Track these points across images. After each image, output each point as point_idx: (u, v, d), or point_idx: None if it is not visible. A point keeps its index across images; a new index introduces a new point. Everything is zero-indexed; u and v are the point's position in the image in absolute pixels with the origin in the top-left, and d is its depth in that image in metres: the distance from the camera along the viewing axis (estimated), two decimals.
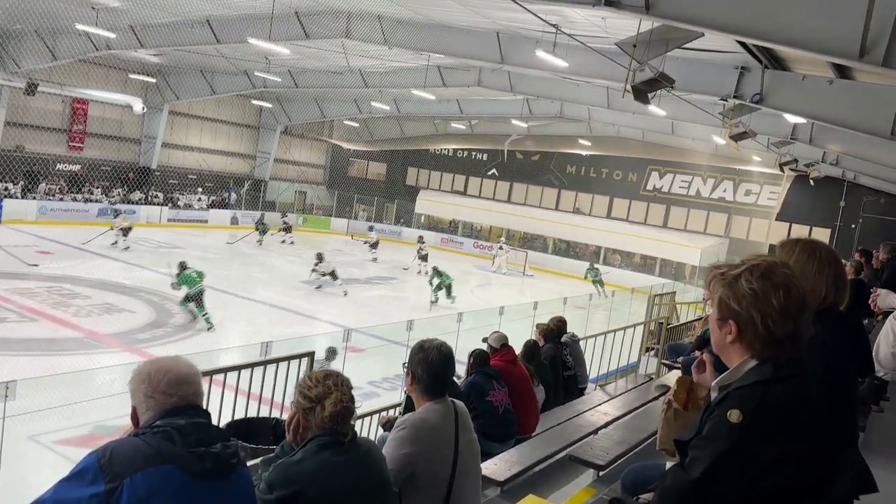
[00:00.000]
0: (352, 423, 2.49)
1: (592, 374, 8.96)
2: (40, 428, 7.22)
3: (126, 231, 21.89)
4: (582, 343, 8.35)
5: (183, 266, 13.84)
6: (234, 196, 32.92)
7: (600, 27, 12.35)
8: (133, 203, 27.76)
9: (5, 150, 24.56)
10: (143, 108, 27.08)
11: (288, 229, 27.92)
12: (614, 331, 10.69)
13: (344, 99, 31.33)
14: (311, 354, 5.92)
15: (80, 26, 19.24)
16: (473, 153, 37.71)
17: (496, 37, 16.13)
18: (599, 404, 6.86)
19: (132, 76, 27.47)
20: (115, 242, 21.66)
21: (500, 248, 30.29)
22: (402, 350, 3.10)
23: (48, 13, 19.50)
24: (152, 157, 29.74)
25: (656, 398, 6.58)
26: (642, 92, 9.48)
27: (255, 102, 33.11)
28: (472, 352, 5.56)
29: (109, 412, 6.65)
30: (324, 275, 17.00)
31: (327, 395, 2.38)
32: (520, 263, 29.76)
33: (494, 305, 13.40)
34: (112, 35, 19.80)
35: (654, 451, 1.85)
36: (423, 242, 27.21)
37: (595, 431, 5.73)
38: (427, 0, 14.61)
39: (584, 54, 13.50)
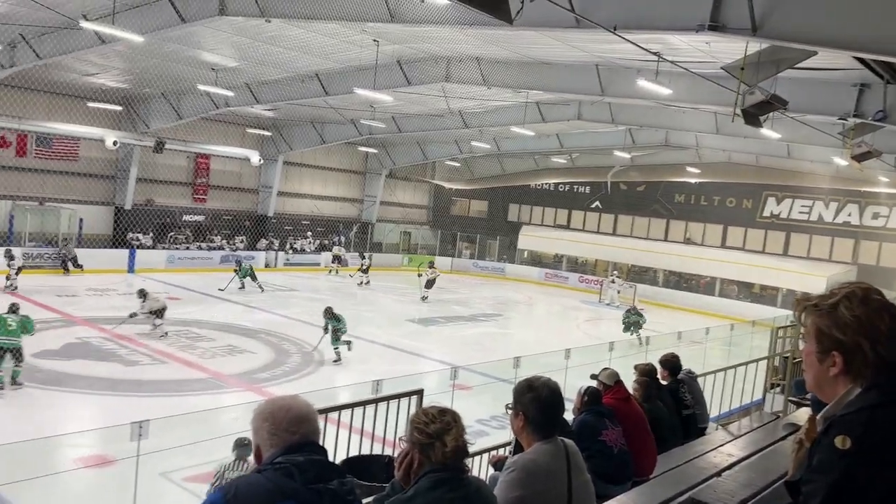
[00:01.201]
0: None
1: (713, 413, 8.52)
2: (170, 465, 7.64)
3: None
4: (700, 380, 7.97)
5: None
6: (343, 239, 34.09)
7: (705, 52, 12.04)
8: (254, 249, 29.32)
9: (137, 204, 26.70)
10: (260, 160, 28.83)
11: (365, 270, 27.69)
12: (735, 366, 10.14)
13: (445, 140, 32.00)
14: (420, 392, 5.98)
15: (201, 87, 20.80)
16: (575, 186, 37.35)
17: (595, 69, 16.04)
18: (722, 444, 6.49)
19: (249, 130, 29.32)
20: (242, 286, 22.98)
21: (612, 280, 29.59)
22: (510, 388, 3.09)
23: (173, 76, 21.26)
24: (269, 205, 31.41)
25: (784, 437, 6.15)
26: (753, 115, 9.12)
27: (361, 149, 34.47)
28: (584, 389, 5.41)
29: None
30: (151, 313, 15.35)
31: (447, 430, 2.36)
32: (629, 297, 28.96)
33: (604, 341, 13.06)
34: (230, 93, 21.27)
35: (784, 494, 1.75)
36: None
37: (718, 473, 5.41)
38: (524, 39, 14.76)
39: (688, 80, 13.19)
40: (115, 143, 23.56)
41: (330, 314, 14.70)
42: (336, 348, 14.56)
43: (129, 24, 14.20)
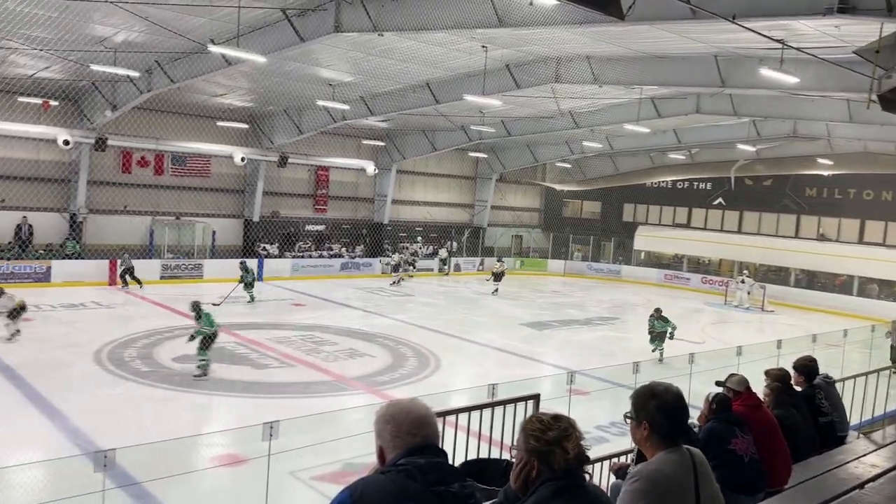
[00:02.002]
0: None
1: (853, 421, 7.91)
2: (299, 465, 7.99)
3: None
4: (838, 385, 7.42)
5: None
6: (454, 245, 34.48)
7: (834, 36, 11.25)
8: (369, 256, 30.24)
9: (264, 216, 28.23)
10: (375, 170, 29.70)
11: (499, 277, 26.91)
12: (878, 370, 9.37)
13: (555, 142, 31.66)
14: (536, 397, 5.94)
15: (320, 102, 21.72)
16: (695, 183, 35.83)
17: (714, 60, 15.37)
18: (864, 455, 6.01)
19: (364, 142, 30.31)
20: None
21: (741, 280, 28.10)
22: (629, 393, 3.00)
23: (294, 94, 22.32)
24: (384, 213, 32.30)
25: None
26: (892, 101, 8.41)
27: (471, 154, 34.77)
28: (713, 396, 5.17)
29: (357, 450, 7.18)
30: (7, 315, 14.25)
31: (566, 436, 2.29)
32: (758, 298, 27.42)
33: (730, 345, 12.44)
34: (346, 107, 22.08)
35: None
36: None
37: (861, 485, 5.02)
38: (637, 34, 14.37)
39: (816, 67, 12.37)
40: (242, 159, 25.05)
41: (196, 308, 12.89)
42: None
43: (252, 45, 15.08)
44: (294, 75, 19.77)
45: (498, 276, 26.85)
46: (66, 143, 21.00)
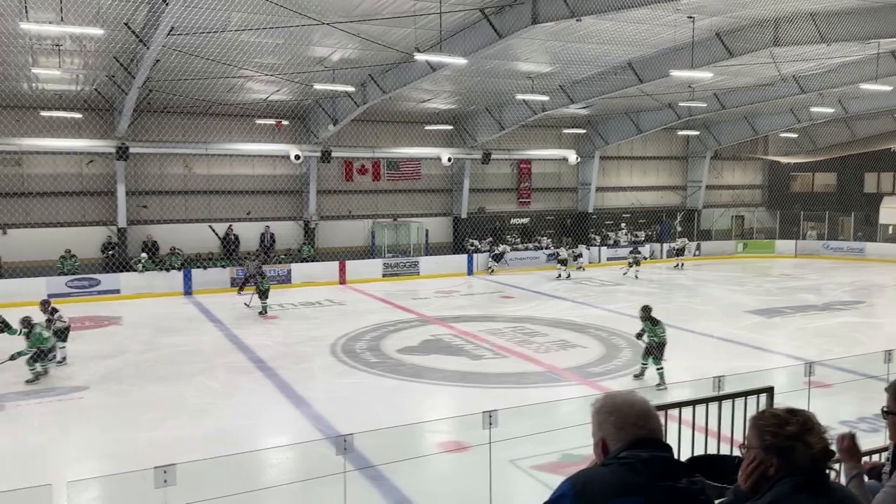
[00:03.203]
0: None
1: None
2: (517, 453, 8.15)
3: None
4: None
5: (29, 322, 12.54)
6: (666, 229, 32.91)
7: None
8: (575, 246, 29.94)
9: (471, 212, 29.13)
10: (577, 159, 29.33)
11: (636, 262, 25.87)
12: None
13: (777, 110, 28.94)
14: (769, 390, 5.48)
15: (519, 96, 21.90)
16: None
17: None
18: None
19: (565, 131, 30.05)
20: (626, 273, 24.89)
21: None
22: (880, 385, 2.65)
23: (494, 91, 22.74)
24: (588, 201, 31.78)
25: None
26: None
27: (681, 133, 32.94)
28: None
29: (574, 441, 7.15)
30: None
31: (807, 430, 2.09)
32: None
33: None
34: (546, 98, 22.03)
35: None
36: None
37: None
38: None
39: None
40: (449, 159, 26.09)
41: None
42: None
43: (453, 48, 15.62)
44: (494, 73, 20.14)
45: (497, 257, 26.72)
46: (297, 157, 23.35)
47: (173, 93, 19.41)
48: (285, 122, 24.80)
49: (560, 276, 25.48)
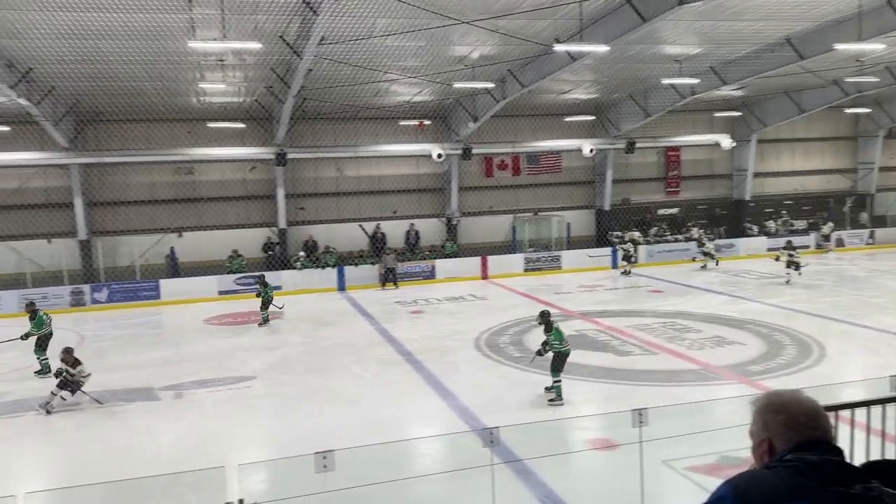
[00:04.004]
0: None
1: None
2: (670, 454, 7.84)
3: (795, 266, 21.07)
4: None
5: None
6: (834, 215, 30.26)
7: None
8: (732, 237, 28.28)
9: (614, 204, 28.36)
10: (731, 143, 27.66)
11: (794, 262, 21.03)
12: None
13: None
14: None
15: (665, 81, 21.03)
16: None
17: None
18: None
19: (717, 114, 28.47)
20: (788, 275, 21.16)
21: None
22: None
23: (638, 77, 22.01)
24: (745, 189, 29.88)
25: None
26: None
27: (848, 111, 30.08)
28: None
29: (733, 443, 6.77)
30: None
31: None
32: None
33: None
34: (695, 80, 20.99)
35: None
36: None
37: None
38: None
39: None
40: (591, 150, 25.54)
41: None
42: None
43: (594, 36, 15.28)
44: (637, 58, 19.46)
45: (627, 257, 24.09)
46: (440, 156, 23.87)
47: (324, 100, 20.50)
48: (427, 122, 25.43)
49: (705, 266, 24.37)
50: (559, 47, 14.61)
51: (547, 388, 10.95)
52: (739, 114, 28.70)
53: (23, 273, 21.61)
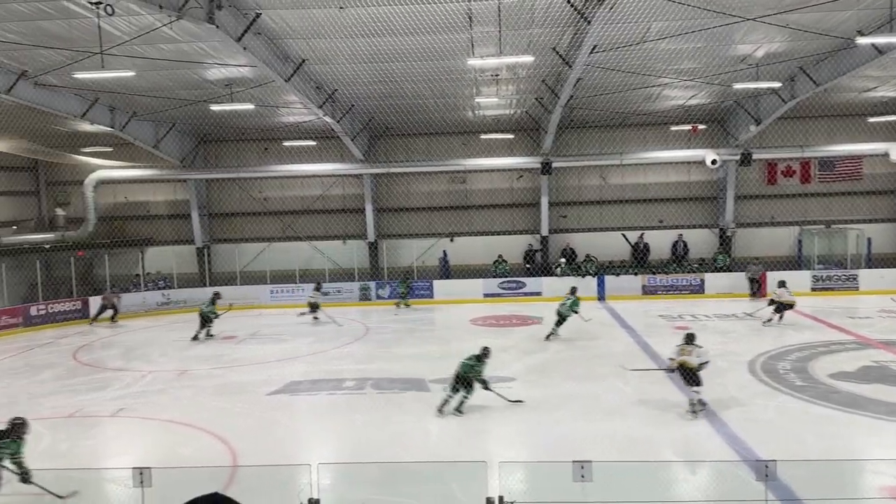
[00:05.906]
0: None
1: None
2: None
3: None
4: None
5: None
6: None
7: None
8: None
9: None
10: None
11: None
12: None
13: None
14: None
15: None
16: None
17: None
18: None
19: None
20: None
21: None
22: None
23: None
24: None
25: None
26: None
27: None
28: None
29: None
30: None
31: None
32: None
33: None
34: None
35: None
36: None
37: None
38: None
39: None
40: None
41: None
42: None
43: None
44: None
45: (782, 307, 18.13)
46: (714, 162, 22.37)
47: (592, 108, 20.44)
48: (701, 126, 24.06)
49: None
50: (862, 40, 12.90)
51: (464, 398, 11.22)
52: None
53: (322, 269, 24.87)
